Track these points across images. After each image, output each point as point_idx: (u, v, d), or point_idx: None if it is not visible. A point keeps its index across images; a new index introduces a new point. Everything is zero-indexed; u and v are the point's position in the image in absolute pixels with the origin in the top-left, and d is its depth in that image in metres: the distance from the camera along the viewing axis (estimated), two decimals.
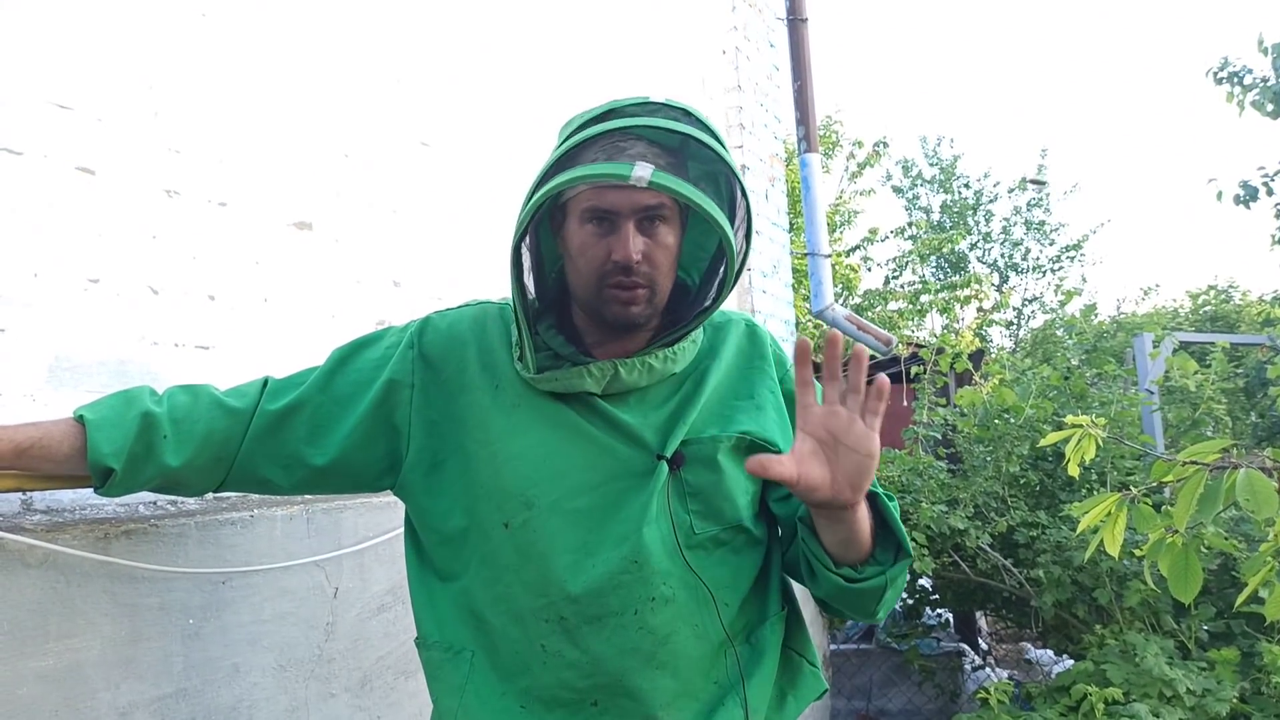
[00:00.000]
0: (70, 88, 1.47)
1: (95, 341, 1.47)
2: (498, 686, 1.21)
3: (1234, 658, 2.96)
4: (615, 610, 1.17)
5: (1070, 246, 17.29)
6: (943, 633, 4.56)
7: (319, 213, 1.91)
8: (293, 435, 1.26)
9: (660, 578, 1.17)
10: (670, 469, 1.20)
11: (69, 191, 1.45)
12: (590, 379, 1.21)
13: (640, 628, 1.17)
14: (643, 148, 1.14)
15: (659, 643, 1.17)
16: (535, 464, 1.20)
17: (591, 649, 1.17)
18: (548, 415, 1.22)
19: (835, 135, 12.70)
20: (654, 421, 1.23)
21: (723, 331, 1.33)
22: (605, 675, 1.17)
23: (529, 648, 1.19)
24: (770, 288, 4.23)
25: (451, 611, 1.25)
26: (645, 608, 1.17)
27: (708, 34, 3.97)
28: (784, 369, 1.33)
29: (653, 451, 1.20)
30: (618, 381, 1.22)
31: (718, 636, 1.21)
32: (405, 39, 2.21)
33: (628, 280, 1.17)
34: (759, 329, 1.36)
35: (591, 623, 1.17)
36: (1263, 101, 7.05)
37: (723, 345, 1.31)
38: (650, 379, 1.23)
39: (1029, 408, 3.80)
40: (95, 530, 1.34)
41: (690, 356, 1.27)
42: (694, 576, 1.19)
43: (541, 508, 1.19)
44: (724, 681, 1.22)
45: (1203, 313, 11.21)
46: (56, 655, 1.27)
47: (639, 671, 1.17)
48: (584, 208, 1.18)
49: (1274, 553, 1.53)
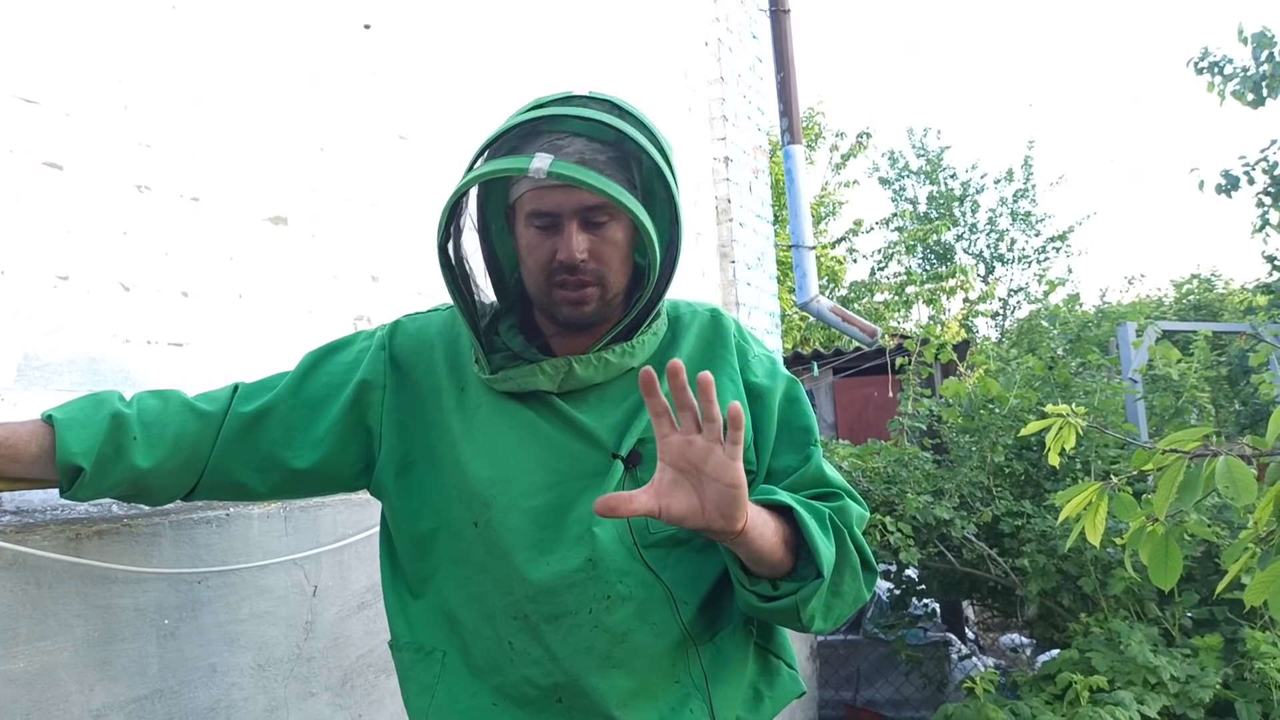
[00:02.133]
0: (36, 81, 1.44)
1: (65, 340, 1.45)
2: (469, 685, 1.21)
3: (1217, 644, 2.98)
4: (570, 609, 1.16)
5: (1056, 237, 17.37)
6: (929, 623, 4.57)
7: (295, 207, 1.89)
8: (266, 438, 1.26)
9: (616, 576, 1.17)
10: (626, 467, 1.19)
11: (36, 187, 1.43)
12: (544, 376, 1.20)
13: (595, 626, 1.16)
14: (581, 144, 1.12)
15: (615, 641, 1.17)
16: (493, 464, 1.20)
17: (550, 647, 1.17)
18: (507, 416, 1.22)
19: (818, 127, 12.72)
20: (611, 420, 1.21)
21: (685, 322, 1.31)
22: (563, 674, 1.17)
23: (499, 645, 1.20)
24: (755, 280, 4.22)
25: (423, 613, 1.26)
26: (600, 606, 1.16)
27: (690, 26, 3.95)
28: (745, 358, 1.29)
29: (608, 450, 1.20)
30: (573, 378, 1.21)
31: (677, 635, 1.20)
32: (382, 30, 2.18)
33: (573, 279, 1.16)
34: (723, 318, 1.33)
35: (549, 621, 1.17)
36: (1243, 91, 7.10)
37: (684, 336, 1.29)
38: (607, 374, 1.22)
39: (1014, 398, 3.81)
40: (66, 530, 1.32)
41: (651, 349, 1.25)
42: (652, 575, 1.18)
43: (500, 506, 1.19)
44: (686, 681, 1.21)
45: (1186, 302, 11.29)
46: (27, 658, 1.25)
47: (594, 671, 1.17)
48: (527, 211, 1.17)
49: (1254, 539, 1.53)
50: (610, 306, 1.22)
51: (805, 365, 8.19)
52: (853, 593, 1.18)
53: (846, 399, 8.50)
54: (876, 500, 3.80)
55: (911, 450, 4.03)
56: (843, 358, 8.28)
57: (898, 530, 3.60)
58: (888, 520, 3.63)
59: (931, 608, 4.51)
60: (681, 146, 3.76)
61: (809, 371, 8.07)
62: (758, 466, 1.24)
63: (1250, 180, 7.47)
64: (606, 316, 1.22)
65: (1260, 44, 6.99)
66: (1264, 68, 7.03)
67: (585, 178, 1.08)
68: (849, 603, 1.19)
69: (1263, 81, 7.04)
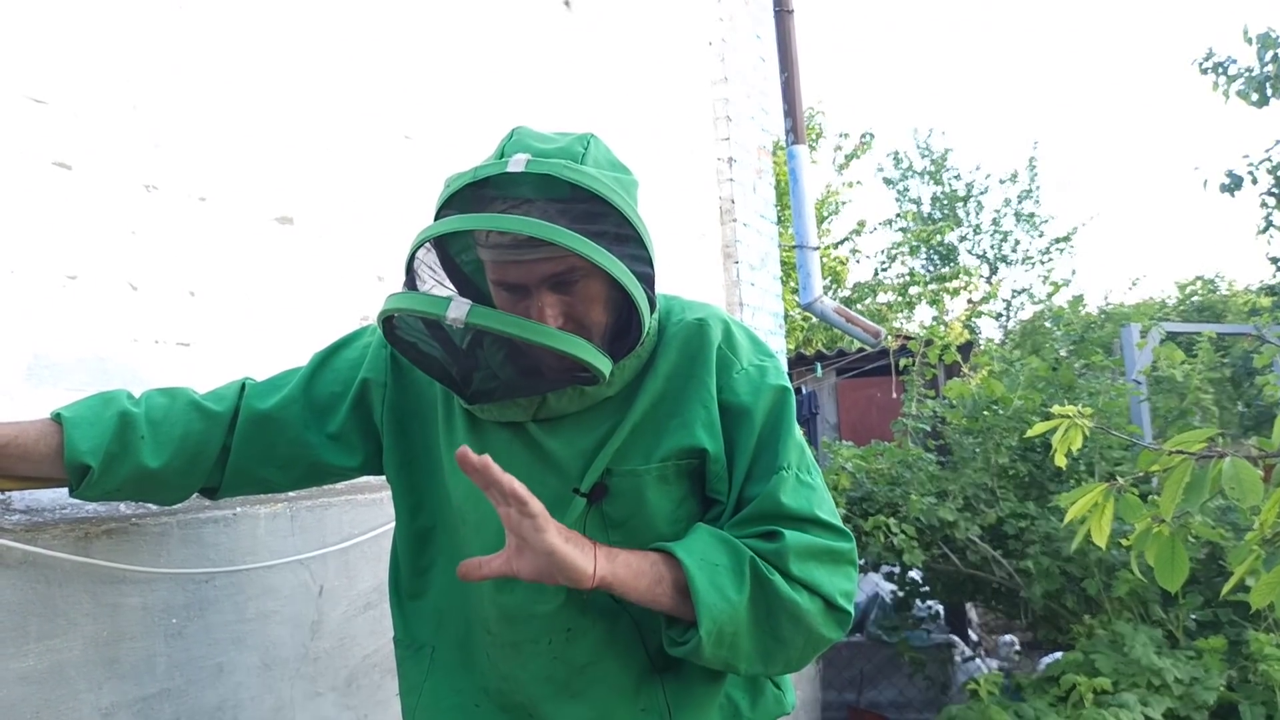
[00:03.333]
0: (45, 81, 1.45)
1: (74, 339, 1.46)
2: (456, 683, 1.23)
3: (1221, 646, 2.98)
4: (530, 638, 1.17)
5: (1059, 238, 17.34)
6: (933, 625, 4.57)
7: (301, 207, 1.89)
8: (283, 437, 1.28)
9: (579, 609, 1.17)
10: (590, 501, 1.17)
11: (46, 187, 1.43)
12: (518, 408, 1.17)
13: (555, 657, 1.17)
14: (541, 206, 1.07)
15: (575, 672, 1.17)
16: (465, 482, 1.18)
17: (513, 670, 1.19)
18: (481, 437, 1.21)
19: (819, 127, 12.70)
20: (578, 450, 1.18)
21: (669, 336, 1.21)
22: (525, 696, 1.18)
23: (480, 651, 1.22)
24: (759, 280, 4.22)
25: (417, 609, 1.28)
26: (561, 639, 1.17)
27: (694, 25, 3.95)
28: (727, 375, 1.19)
29: (571, 484, 1.17)
30: (546, 408, 1.17)
31: (641, 665, 1.19)
32: (388, 31, 2.19)
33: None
34: (709, 329, 1.21)
35: (510, 646, 1.18)
36: (1247, 91, 7.10)
37: (663, 355, 1.20)
38: (582, 404, 1.17)
39: (1017, 399, 3.81)
40: (75, 530, 1.32)
41: (631, 374, 1.18)
42: (618, 605, 1.18)
43: (470, 525, 1.20)
44: (651, 709, 1.19)
45: (1190, 303, 11.27)
46: (37, 656, 1.25)
47: (550, 699, 1.17)
48: (492, 280, 1.13)
49: (1260, 541, 1.53)
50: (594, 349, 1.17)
51: (809, 366, 8.19)
52: (800, 636, 1.11)
53: (850, 400, 8.50)
54: (880, 502, 3.80)
55: (915, 452, 4.03)
56: (846, 358, 8.28)
57: (901, 532, 3.60)
58: (891, 522, 3.63)
59: (935, 610, 4.51)
60: (685, 146, 3.76)
61: (812, 372, 8.06)
62: (728, 495, 1.18)
63: (1254, 180, 7.47)
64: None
65: (1265, 44, 6.98)
66: (1269, 68, 7.02)
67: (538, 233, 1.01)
68: (798, 647, 1.12)
69: (1267, 81, 7.03)
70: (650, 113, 3.45)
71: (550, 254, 1.06)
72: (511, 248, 1.07)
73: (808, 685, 4.21)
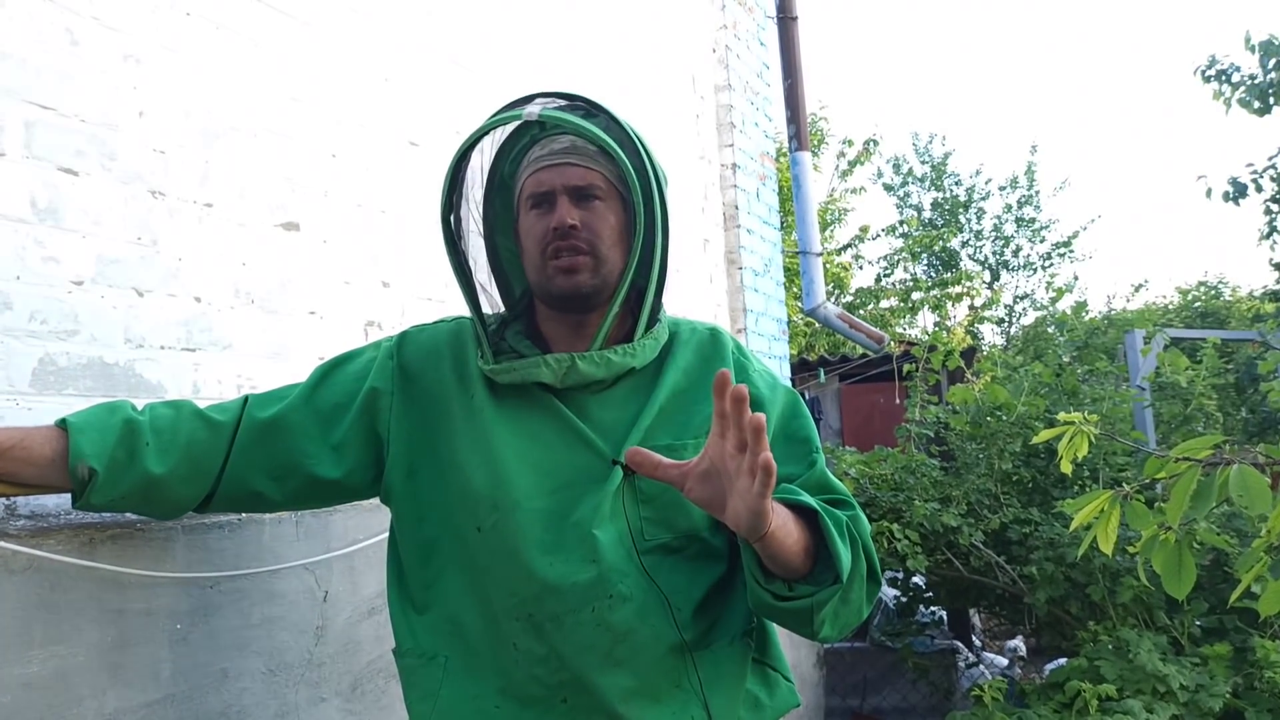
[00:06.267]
0: (51, 88, 1.45)
1: (80, 345, 1.46)
2: (473, 688, 1.23)
3: (1227, 653, 2.97)
4: (574, 607, 1.19)
5: (1061, 244, 17.32)
6: (936, 630, 4.55)
7: (306, 213, 1.90)
8: (282, 446, 1.28)
9: (618, 576, 1.19)
10: (625, 473, 1.21)
11: (52, 193, 1.44)
12: (547, 369, 1.23)
13: (598, 625, 1.19)
14: (569, 140, 1.24)
15: (616, 640, 1.19)
16: (499, 468, 1.23)
17: (555, 645, 1.19)
18: (510, 420, 1.25)
19: (820, 132, 12.70)
20: (611, 425, 1.24)
21: (684, 337, 1.34)
22: (568, 671, 1.19)
23: (503, 648, 1.22)
24: (762, 286, 4.22)
25: (427, 620, 1.28)
26: (604, 605, 1.19)
27: (698, 33, 3.96)
28: (745, 374, 1.32)
29: (607, 456, 1.22)
30: (575, 373, 1.23)
31: (673, 640, 1.21)
32: (393, 37, 2.19)
33: (566, 246, 1.21)
34: (722, 335, 1.36)
35: (553, 620, 1.19)
36: (1249, 99, 7.09)
37: (682, 348, 1.32)
38: (609, 371, 1.25)
39: (1021, 405, 3.80)
40: (80, 535, 1.33)
41: (651, 354, 1.29)
42: (648, 579, 1.21)
43: (506, 508, 1.21)
44: (686, 686, 1.22)
45: (1193, 309, 11.26)
46: (41, 662, 1.25)
47: (596, 668, 1.19)
48: (525, 196, 1.26)
49: (1267, 548, 1.53)
50: (604, 285, 1.24)
51: (811, 371, 8.18)
52: (859, 602, 1.19)
53: (853, 406, 8.49)
54: (884, 507, 3.79)
55: (919, 457, 4.02)
56: (849, 364, 8.27)
57: (905, 537, 3.59)
58: (895, 528, 3.62)
59: (939, 615, 4.50)
60: (690, 153, 3.76)
61: (815, 378, 8.06)
62: None
63: (1258, 188, 7.45)
64: (600, 296, 1.25)
65: (1267, 52, 6.97)
66: (1271, 75, 7.01)
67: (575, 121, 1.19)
68: (854, 612, 1.19)
69: (1269, 89, 7.03)
70: (655, 120, 3.45)
71: (581, 161, 1.23)
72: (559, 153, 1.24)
73: (811, 691, 4.20)
